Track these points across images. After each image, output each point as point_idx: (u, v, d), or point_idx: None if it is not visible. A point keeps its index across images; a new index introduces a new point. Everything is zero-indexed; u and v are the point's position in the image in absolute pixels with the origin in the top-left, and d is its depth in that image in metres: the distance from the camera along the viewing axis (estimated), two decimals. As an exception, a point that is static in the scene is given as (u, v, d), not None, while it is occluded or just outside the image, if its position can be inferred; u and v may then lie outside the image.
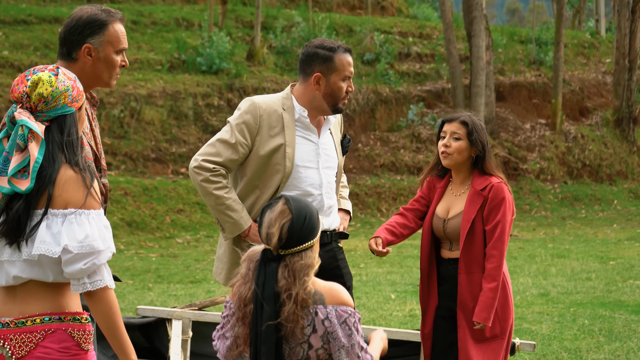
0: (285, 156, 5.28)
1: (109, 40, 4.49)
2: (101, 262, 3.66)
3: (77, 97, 3.80)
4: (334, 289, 3.80)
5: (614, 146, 24.80)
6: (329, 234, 5.44)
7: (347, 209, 5.69)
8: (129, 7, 24.44)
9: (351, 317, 3.74)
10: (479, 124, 5.39)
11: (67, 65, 4.44)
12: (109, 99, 19.57)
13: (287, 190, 5.31)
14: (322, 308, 3.74)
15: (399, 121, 23.10)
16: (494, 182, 5.31)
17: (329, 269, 5.44)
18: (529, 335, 8.96)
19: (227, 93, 21.24)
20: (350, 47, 5.47)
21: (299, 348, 3.74)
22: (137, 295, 11.49)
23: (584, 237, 17.12)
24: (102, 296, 3.69)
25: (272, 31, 24.30)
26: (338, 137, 5.58)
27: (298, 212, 3.77)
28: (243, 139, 5.28)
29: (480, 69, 22.40)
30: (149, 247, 16.11)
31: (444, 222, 5.37)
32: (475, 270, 5.26)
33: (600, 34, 31.80)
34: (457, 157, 5.36)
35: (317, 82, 5.31)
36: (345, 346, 3.71)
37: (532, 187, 22.57)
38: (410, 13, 31.21)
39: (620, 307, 10.33)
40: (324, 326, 3.72)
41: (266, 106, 5.33)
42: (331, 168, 5.46)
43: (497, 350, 5.29)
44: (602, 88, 27.18)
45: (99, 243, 3.65)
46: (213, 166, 5.27)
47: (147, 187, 17.96)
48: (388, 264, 14.09)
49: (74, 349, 3.72)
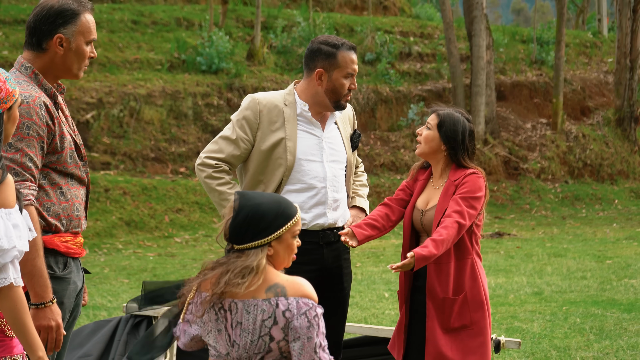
0: (287, 150, 5.32)
1: (80, 31, 4.44)
2: (6, 261, 3.66)
3: (5, 98, 3.77)
4: (296, 282, 3.81)
5: (615, 146, 24.77)
6: (335, 231, 5.42)
7: (362, 207, 5.65)
8: (129, 7, 24.47)
9: (311, 310, 3.73)
10: (456, 119, 5.37)
11: (35, 56, 4.40)
12: (108, 98, 19.60)
13: (290, 183, 5.35)
14: (283, 300, 3.74)
15: (399, 121, 23.10)
16: (468, 172, 5.31)
17: (331, 267, 5.46)
18: (519, 333, 8.95)
19: (226, 93, 21.25)
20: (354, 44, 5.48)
21: (261, 341, 3.75)
22: (132, 294, 11.50)
23: (582, 237, 17.10)
24: (7, 294, 3.69)
25: (273, 31, 24.30)
26: (347, 132, 5.58)
27: (239, 210, 3.78)
28: (244, 134, 5.35)
29: (481, 68, 22.41)
30: (147, 246, 16.13)
31: (422, 214, 5.38)
32: (444, 261, 5.24)
33: (602, 33, 31.76)
34: (424, 146, 5.38)
35: (319, 77, 5.35)
36: (300, 338, 3.71)
37: (533, 187, 22.55)
38: (412, 13, 31.20)
39: (613, 305, 10.32)
40: (284, 317, 3.73)
41: (266, 102, 5.39)
42: (338, 162, 5.47)
43: (466, 342, 5.25)
44: (603, 87, 27.15)
45: (3, 242, 3.64)
46: (215, 162, 5.35)
47: (146, 186, 17.98)
48: (384, 263, 14.08)
49: None
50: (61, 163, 4.35)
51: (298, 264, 5.33)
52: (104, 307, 10.58)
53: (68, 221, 4.37)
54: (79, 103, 19.21)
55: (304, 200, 5.35)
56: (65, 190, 4.38)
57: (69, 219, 4.37)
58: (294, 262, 5.30)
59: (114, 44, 22.13)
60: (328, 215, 5.39)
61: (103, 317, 9.87)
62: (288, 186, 5.35)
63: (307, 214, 5.35)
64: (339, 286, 5.51)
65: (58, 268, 4.32)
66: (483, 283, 5.32)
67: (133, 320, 7.22)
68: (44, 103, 4.27)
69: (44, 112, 4.26)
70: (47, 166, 4.32)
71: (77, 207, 4.43)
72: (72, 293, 4.43)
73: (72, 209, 4.38)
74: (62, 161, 4.35)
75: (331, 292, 5.49)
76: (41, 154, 4.25)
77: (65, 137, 4.36)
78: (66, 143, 4.37)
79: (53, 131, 4.30)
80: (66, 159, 4.37)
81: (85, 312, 10.25)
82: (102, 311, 10.32)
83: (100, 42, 21.83)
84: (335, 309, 5.51)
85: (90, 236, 16.18)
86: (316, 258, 5.38)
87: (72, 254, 4.40)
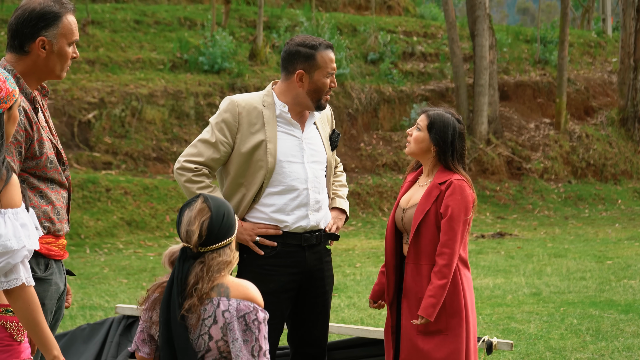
0: (267, 152, 5.28)
1: (62, 33, 4.42)
2: (16, 261, 3.67)
3: (5, 98, 3.78)
4: (242, 284, 3.84)
5: (618, 146, 24.71)
6: (317, 234, 5.40)
7: (342, 208, 5.63)
8: (132, 7, 24.47)
9: (251, 314, 3.77)
10: (446, 121, 5.36)
11: (18, 59, 4.38)
12: (110, 98, 19.59)
13: (271, 186, 5.31)
14: (224, 300, 3.78)
15: (402, 120, 23.06)
16: (455, 179, 5.29)
17: (313, 270, 5.44)
18: (515, 334, 8.93)
19: (228, 92, 21.23)
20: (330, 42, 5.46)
21: (201, 339, 3.78)
22: (130, 294, 11.49)
23: (584, 237, 17.05)
24: (19, 294, 3.71)
25: (276, 31, 24.28)
26: (326, 132, 5.56)
27: (217, 209, 3.83)
28: (223, 137, 5.30)
29: (484, 68, 22.37)
30: (148, 246, 16.13)
31: (403, 212, 5.38)
32: (423, 262, 5.26)
33: (606, 33, 31.69)
34: (413, 146, 5.40)
35: (300, 79, 5.32)
36: (238, 340, 3.73)
37: (536, 187, 22.50)
38: (417, 12, 31.15)
39: (610, 306, 10.28)
40: (223, 317, 3.77)
41: (245, 104, 5.34)
42: (318, 162, 5.44)
43: (439, 346, 5.25)
44: (607, 87, 27.08)
45: (12, 242, 3.66)
46: (195, 166, 5.29)
47: (148, 186, 17.97)
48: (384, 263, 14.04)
49: (7, 339, 3.77)
50: (40, 168, 4.34)
51: (280, 266, 5.34)
52: (101, 307, 10.58)
53: (50, 224, 4.35)
54: (81, 103, 19.21)
55: (286, 202, 5.33)
56: (46, 194, 4.37)
57: (51, 222, 4.36)
58: (276, 265, 5.32)
59: (116, 43, 22.13)
60: (310, 217, 5.37)
61: (99, 317, 9.86)
62: (269, 188, 5.32)
63: (290, 216, 5.33)
64: (321, 289, 5.49)
65: (39, 269, 4.31)
66: (464, 291, 5.29)
67: (125, 321, 7.22)
68: (22, 108, 4.26)
69: (22, 117, 4.25)
70: (26, 171, 4.30)
71: (58, 210, 4.42)
72: (53, 294, 4.41)
73: (53, 212, 4.37)
74: (41, 166, 4.34)
75: (313, 295, 5.48)
76: (19, 159, 4.25)
77: (44, 142, 4.35)
78: (45, 148, 4.35)
79: (31, 136, 4.29)
80: (46, 164, 4.36)
81: (82, 312, 10.25)
82: (99, 311, 10.31)
83: (102, 42, 21.84)
84: (317, 313, 5.50)
85: (91, 236, 16.18)
86: (298, 261, 5.37)
87: (54, 256, 4.39)
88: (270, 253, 5.30)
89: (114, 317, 7.33)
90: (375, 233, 17.66)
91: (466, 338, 5.33)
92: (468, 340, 5.34)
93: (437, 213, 5.25)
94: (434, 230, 5.25)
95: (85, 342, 7.22)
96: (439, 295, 5.16)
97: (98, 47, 21.46)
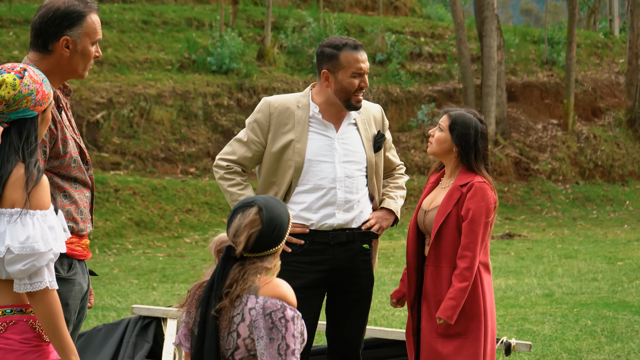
0: (295, 151, 5.39)
1: (86, 32, 4.41)
2: (41, 264, 3.67)
3: (41, 100, 3.78)
4: (272, 282, 3.82)
5: (626, 147, 24.67)
6: (348, 232, 5.42)
7: (390, 209, 5.59)
8: (140, 7, 24.45)
9: (278, 312, 3.74)
10: (468, 121, 5.34)
11: (41, 58, 4.37)
12: (118, 98, 19.59)
13: (300, 184, 5.41)
14: (252, 298, 3.76)
15: (409, 121, 23.04)
16: (476, 181, 5.27)
17: (344, 269, 5.45)
18: (530, 335, 8.90)
19: (237, 93, 21.23)
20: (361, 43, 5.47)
21: (230, 337, 3.78)
22: (141, 294, 11.48)
23: (593, 238, 17.03)
24: (42, 297, 3.70)
25: (283, 31, 24.27)
26: (370, 133, 5.56)
27: (269, 222, 3.83)
28: (255, 137, 5.45)
29: (492, 69, 22.34)
30: (156, 246, 16.12)
31: (425, 214, 5.36)
32: (443, 265, 5.24)
33: (613, 34, 31.66)
34: (435, 146, 5.38)
35: (325, 79, 5.42)
36: (263, 338, 3.71)
37: (544, 188, 22.47)
38: (423, 13, 31.13)
39: (624, 307, 10.26)
40: (250, 315, 3.75)
41: (278, 104, 5.48)
42: (354, 162, 5.46)
43: (459, 349, 5.23)
44: (615, 88, 27.05)
45: (40, 245, 3.66)
46: (227, 164, 5.49)
47: (156, 186, 17.97)
48: (394, 264, 14.05)
49: (35, 340, 3.76)
50: (64, 167, 4.33)
51: (306, 263, 5.36)
52: (113, 308, 10.56)
53: (73, 224, 4.34)
54: (89, 103, 19.20)
55: (313, 200, 5.40)
56: (69, 194, 4.36)
57: (74, 222, 4.35)
58: (302, 262, 5.35)
59: (124, 44, 22.12)
60: (337, 216, 5.39)
61: (112, 317, 9.85)
62: (299, 187, 5.42)
63: (316, 214, 5.39)
64: (353, 287, 5.50)
65: (63, 269, 4.29)
66: (484, 294, 5.27)
67: (142, 322, 7.21)
68: None
69: None
70: (50, 170, 4.28)
71: (81, 210, 4.40)
72: (77, 294, 4.40)
73: (76, 212, 4.36)
74: (64, 165, 4.33)
75: (345, 293, 5.50)
76: (43, 158, 4.23)
77: (67, 142, 4.34)
78: (69, 147, 4.34)
79: (55, 135, 4.27)
80: (69, 163, 4.35)
81: (95, 312, 10.23)
82: (111, 312, 10.30)
83: (110, 42, 21.82)
84: (348, 311, 5.50)
85: (100, 236, 16.17)
86: (327, 258, 5.40)
87: (77, 256, 4.37)
88: (297, 250, 5.37)
89: (130, 317, 7.32)
90: (384, 233, 17.59)
91: (484, 341, 5.30)
92: (486, 344, 5.32)
93: (458, 216, 5.22)
94: (455, 233, 5.22)
95: (102, 343, 7.21)
96: (459, 297, 5.13)
97: (106, 48, 21.44)
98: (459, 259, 5.17)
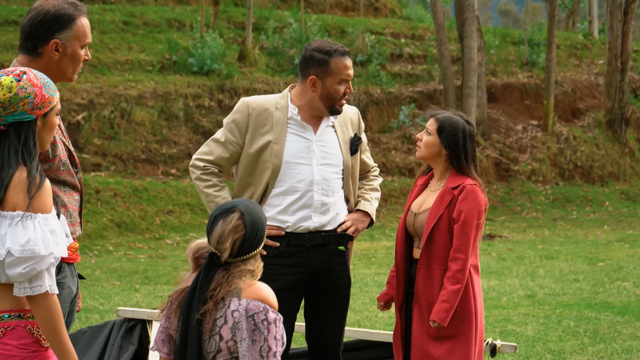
0: (273, 153, 5.34)
1: (76, 36, 4.40)
2: (42, 268, 3.65)
3: (39, 104, 3.75)
4: (255, 285, 3.86)
5: (605, 147, 24.78)
6: (324, 234, 5.41)
7: (365, 211, 5.59)
8: (120, 8, 24.40)
9: (260, 314, 3.77)
10: (456, 124, 5.36)
11: (30, 60, 4.35)
12: (99, 99, 19.53)
13: (277, 186, 5.37)
14: (235, 300, 3.78)
15: (390, 122, 23.08)
16: (467, 183, 5.29)
17: (320, 271, 5.43)
18: (513, 336, 8.94)
19: (218, 94, 21.21)
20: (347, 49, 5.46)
21: (212, 340, 3.79)
22: (123, 296, 11.46)
23: (574, 239, 17.10)
24: (42, 301, 3.68)
25: (264, 32, 24.26)
26: (347, 136, 5.54)
27: (252, 226, 3.86)
28: (233, 137, 5.40)
29: (472, 70, 22.39)
30: (138, 248, 16.08)
31: (414, 217, 5.37)
32: (435, 267, 5.26)
33: (593, 35, 31.79)
34: (424, 150, 5.39)
35: (313, 84, 5.36)
36: (246, 339, 3.73)
37: (524, 189, 22.55)
38: (403, 14, 31.17)
39: (606, 308, 10.31)
40: (232, 317, 3.77)
41: (257, 105, 5.42)
42: (331, 165, 5.44)
43: (450, 352, 5.25)
44: (594, 89, 27.16)
45: (40, 248, 3.64)
46: (204, 164, 5.43)
47: (137, 188, 17.92)
48: (376, 265, 14.07)
49: (33, 345, 3.73)
50: (53, 170, 4.31)
51: (283, 266, 5.35)
52: (96, 310, 10.54)
53: None
54: (70, 104, 19.14)
55: (289, 203, 5.37)
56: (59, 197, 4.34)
57: None
58: (278, 264, 5.34)
59: (104, 45, 22.06)
60: (314, 219, 5.38)
61: (95, 319, 9.83)
62: (275, 189, 5.38)
63: (292, 217, 5.37)
64: (330, 289, 5.48)
65: None
66: (475, 296, 5.29)
67: (127, 324, 7.19)
68: None
69: None
70: None
71: (71, 213, 4.39)
72: (66, 298, 4.39)
73: (66, 215, 4.35)
74: (54, 169, 4.32)
75: (323, 296, 5.48)
76: None
77: (57, 145, 4.32)
78: (58, 150, 4.33)
79: None
80: (58, 166, 4.34)
81: (78, 315, 10.16)
82: (94, 314, 10.27)
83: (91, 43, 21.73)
84: (326, 313, 5.49)
85: (81, 238, 16.11)
86: (303, 260, 5.38)
87: (66, 259, 4.36)
88: (272, 253, 5.33)
89: (115, 320, 7.31)
90: (365, 235, 17.65)
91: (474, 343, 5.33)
92: (475, 346, 5.34)
93: (450, 218, 5.24)
94: (446, 235, 5.24)
95: (87, 345, 7.19)
96: (452, 300, 5.15)
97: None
98: (451, 261, 5.19)
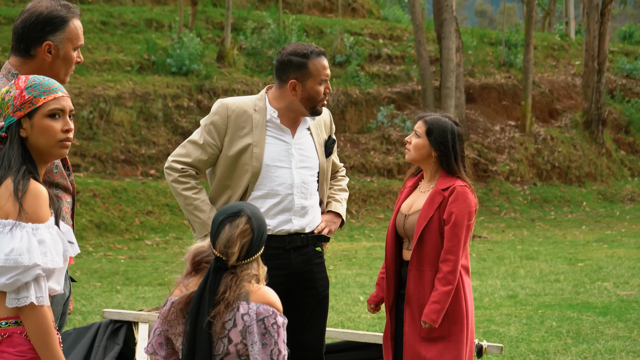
0: (253, 156, 5.30)
1: (69, 38, 4.41)
2: (26, 279, 3.57)
3: (19, 105, 3.68)
4: (262, 289, 3.88)
5: (583, 148, 24.91)
6: (303, 236, 5.41)
7: (337, 212, 5.61)
8: (98, 8, 24.32)
9: (270, 318, 3.80)
10: (444, 125, 5.39)
11: (23, 62, 4.34)
12: (77, 100, 19.46)
13: (256, 189, 5.33)
14: (244, 304, 3.81)
15: (369, 123, 23.11)
16: (457, 184, 5.31)
17: (300, 273, 5.43)
18: (496, 337, 8.97)
19: (196, 94, 21.18)
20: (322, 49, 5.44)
21: (220, 343, 3.81)
22: (105, 297, 11.42)
23: (552, 239, 17.18)
24: (29, 313, 3.61)
25: (243, 32, 24.24)
26: (321, 138, 5.55)
27: (258, 229, 3.90)
28: (211, 139, 5.33)
29: (450, 70, 22.45)
30: (117, 249, 16.03)
31: (404, 218, 5.38)
32: (426, 269, 5.27)
33: (569, 36, 31.94)
34: (414, 153, 5.41)
35: (293, 88, 5.33)
36: (257, 343, 3.75)
37: (502, 189, 22.63)
38: (380, 15, 31.22)
39: (588, 308, 10.36)
40: (243, 321, 3.79)
41: (235, 107, 5.36)
42: (309, 168, 5.44)
43: (442, 353, 5.26)
44: (571, 90, 27.29)
45: (24, 258, 3.56)
46: (182, 167, 5.35)
47: (116, 188, 17.87)
48: (357, 265, 14.08)
49: (30, 352, 3.69)
50: (46, 173, 4.30)
51: None
52: (79, 311, 10.50)
53: None
54: (48, 104, 19.06)
55: (270, 206, 5.34)
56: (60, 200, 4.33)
57: None
58: None
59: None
60: (294, 222, 5.38)
61: (78, 321, 9.80)
62: (255, 192, 5.34)
63: (272, 220, 5.35)
64: (311, 291, 5.48)
65: None
66: (466, 297, 5.31)
67: (113, 326, 7.18)
68: None
69: None
70: None
71: (63, 215, 4.37)
72: (59, 300, 4.38)
73: None
74: (47, 171, 4.30)
75: (304, 297, 5.49)
76: None
77: None
78: None
79: None
80: (51, 169, 4.33)
81: (60, 316, 10.16)
82: (77, 315, 10.24)
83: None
84: (308, 315, 5.49)
85: (61, 239, 16.03)
86: (283, 263, 5.37)
87: None
88: None
89: (100, 321, 7.28)
90: (345, 235, 17.67)
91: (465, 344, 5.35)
92: (467, 346, 5.36)
93: (440, 220, 5.26)
94: (437, 237, 5.26)
95: (72, 347, 7.16)
96: (443, 301, 5.17)
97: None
98: (442, 262, 5.20)
